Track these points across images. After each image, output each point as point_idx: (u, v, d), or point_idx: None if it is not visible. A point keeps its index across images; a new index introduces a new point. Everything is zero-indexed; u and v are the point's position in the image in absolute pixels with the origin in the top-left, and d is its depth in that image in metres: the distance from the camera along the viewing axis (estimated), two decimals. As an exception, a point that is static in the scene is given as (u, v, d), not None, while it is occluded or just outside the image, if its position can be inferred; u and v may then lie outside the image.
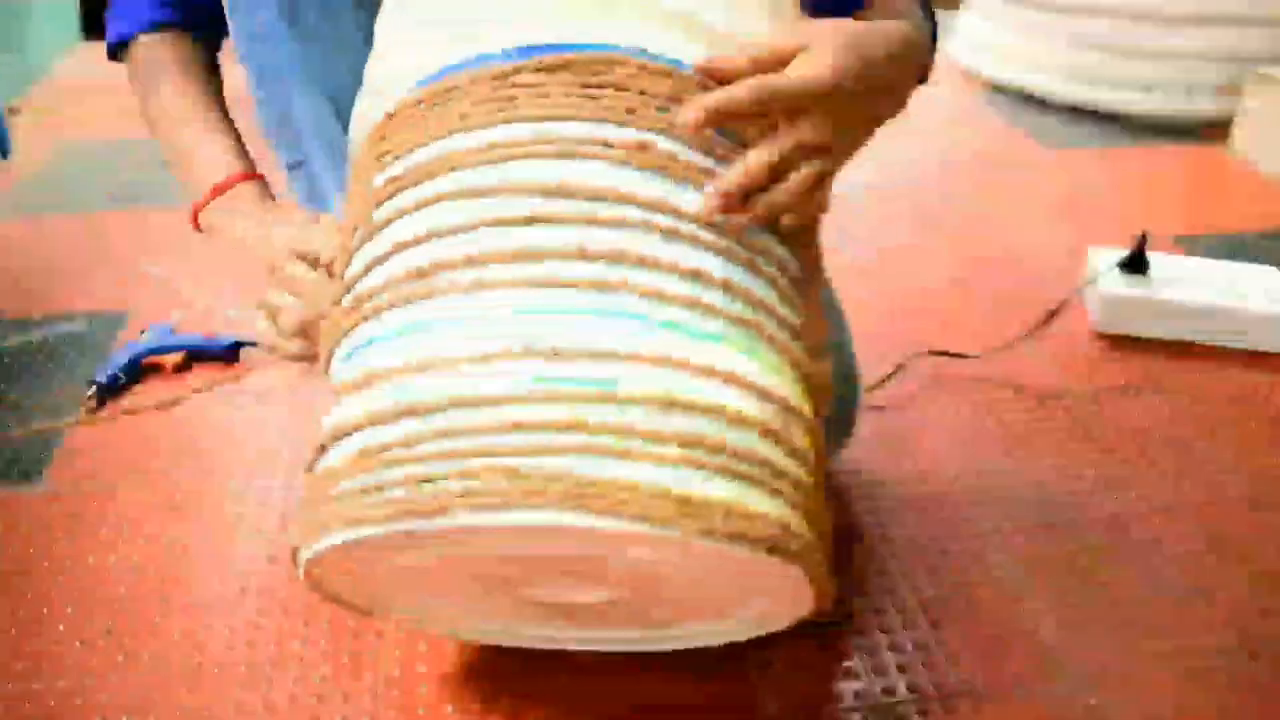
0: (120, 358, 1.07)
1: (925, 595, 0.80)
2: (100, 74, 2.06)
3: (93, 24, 2.28)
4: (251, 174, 0.75)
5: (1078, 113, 1.88)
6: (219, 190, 0.73)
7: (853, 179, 0.82)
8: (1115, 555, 0.84)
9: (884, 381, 1.04)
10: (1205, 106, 1.80)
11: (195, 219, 0.75)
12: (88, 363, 1.11)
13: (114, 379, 1.04)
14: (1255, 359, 1.11)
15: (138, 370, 1.07)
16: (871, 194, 1.51)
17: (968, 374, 1.08)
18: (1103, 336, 1.15)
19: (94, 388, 1.03)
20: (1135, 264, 1.17)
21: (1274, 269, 1.19)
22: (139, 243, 1.36)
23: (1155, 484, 0.92)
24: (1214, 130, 1.76)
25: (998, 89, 2.01)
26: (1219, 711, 0.70)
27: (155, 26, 0.79)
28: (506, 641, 0.69)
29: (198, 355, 1.10)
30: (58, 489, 0.92)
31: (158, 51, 0.79)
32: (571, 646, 0.68)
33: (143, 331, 1.12)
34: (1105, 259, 1.19)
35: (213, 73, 0.82)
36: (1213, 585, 0.81)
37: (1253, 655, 0.74)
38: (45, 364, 1.11)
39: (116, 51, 0.82)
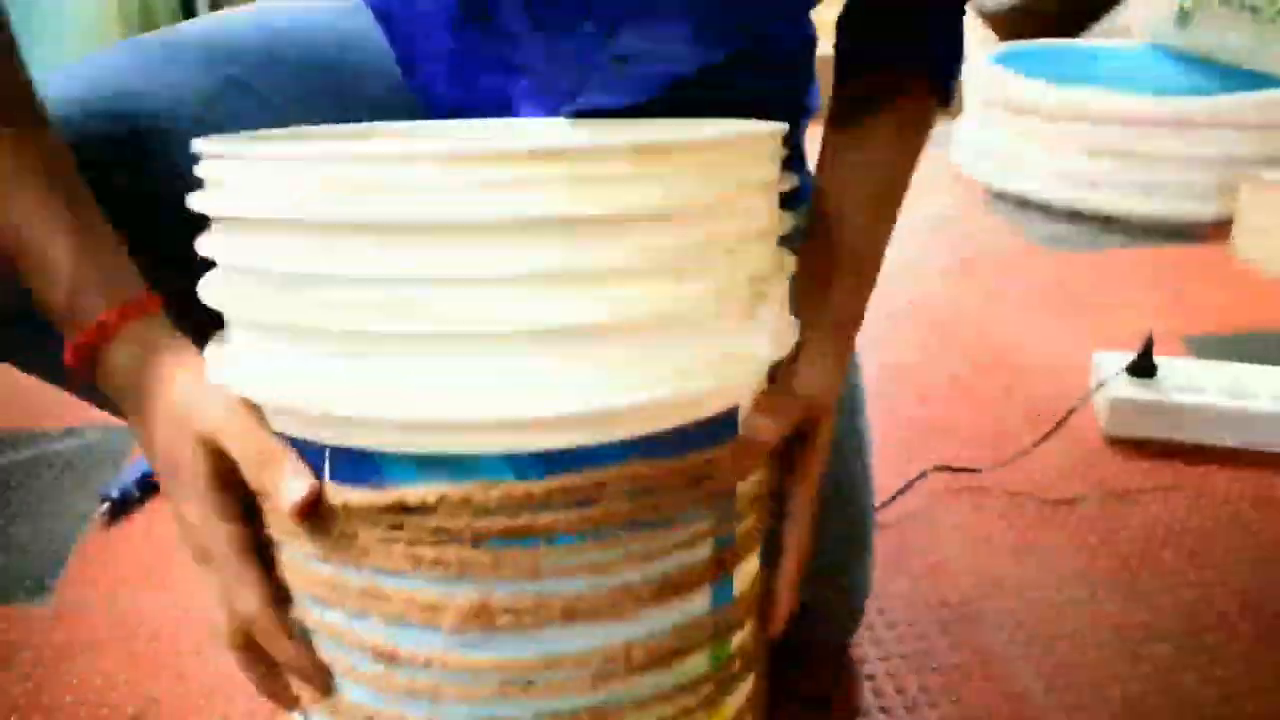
0: (132, 473, 1.07)
1: (943, 710, 0.78)
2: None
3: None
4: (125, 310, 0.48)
5: (1079, 216, 1.91)
6: (85, 354, 0.48)
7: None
8: (1131, 668, 0.82)
9: (892, 499, 1.04)
10: (1206, 208, 1.82)
11: (76, 356, 0.48)
12: (99, 476, 1.11)
13: (126, 493, 1.05)
14: (1268, 459, 1.11)
15: (149, 485, 1.07)
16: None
17: (976, 484, 1.07)
18: (1112, 441, 1.15)
19: (106, 503, 1.03)
20: (1142, 367, 1.17)
21: (1281, 370, 1.20)
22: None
23: (1172, 591, 0.91)
24: (1217, 230, 1.78)
25: (998, 195, 2.04)
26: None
27: None
28: None
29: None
30: (67, 605, 0.91)
31: None
32: None
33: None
34: (1111, 363, 1.20)
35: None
36: (1235, 695, 0.79)
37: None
38: (57, 477, 1.12)
39: None
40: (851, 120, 0.64)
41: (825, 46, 0.67)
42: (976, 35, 2.47)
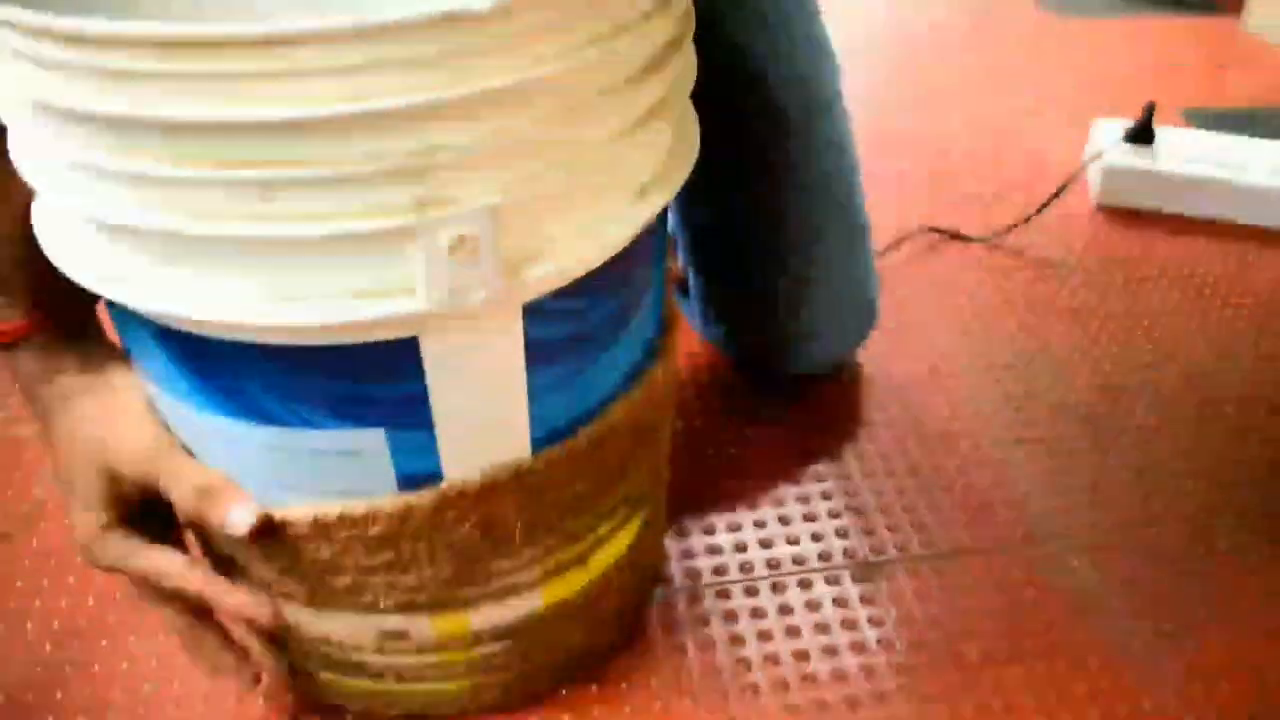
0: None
1: (916, 461, 0.81)
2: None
3: None
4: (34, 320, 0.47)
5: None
6: None
7: (842, 45, 0.80)
8: (1105, 427, 0.85)
9: (882, 252, 1.03)
10: (1221, -24, 1.75)
11: None
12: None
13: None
14: (1257, 235, 1.11)
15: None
16: (863, 61, 1.48)
17: (965, 246, 1.07)
18: (1103, 209, 1.14)
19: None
20: (1141, 135, 1.15)
21: (1281, 144, 1.17)
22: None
23: (1147, 358, 0.93)
24: (1228, 2, 1.71)
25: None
26: (1200, 579, 0.72)
27: None
28: None
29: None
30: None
31: None
32: None
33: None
34: (1111, 131, 1.17)
35: None
36: (1200, 460, 0.82)
37: (1225, 523, 0.76)
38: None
39: None
40: None
41: None
42: None
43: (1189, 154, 1.15)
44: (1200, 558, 0.73)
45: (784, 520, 0.75)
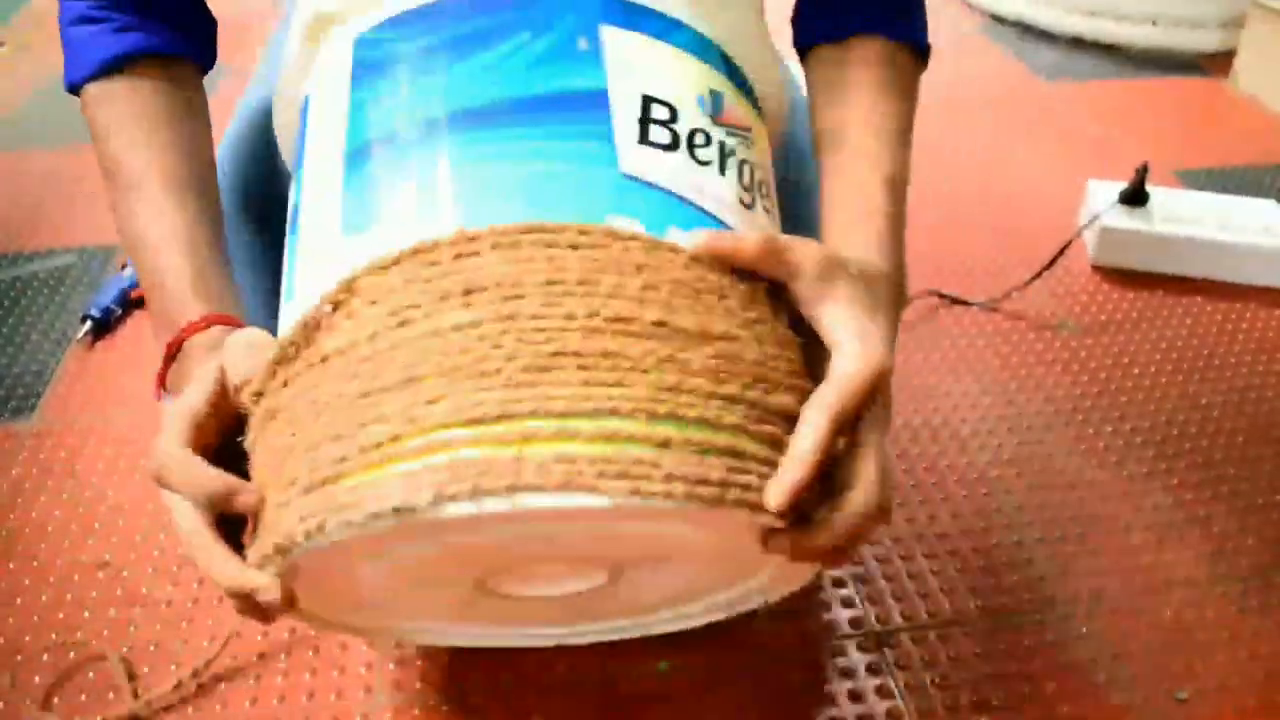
0: (112, 289, 1.06)
1: (919, 525, 0.80)
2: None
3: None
4: (210, 318, 0.50)
5: (1079, 45, 1.86)
6: (170, 351, 0.51)
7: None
8: (1110, 487, 0.84)
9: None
10: (1208, 39, 1.78)
11: (160, 385, 0.52)
12: (79, 296, 1.10)
13: (107, 312, 1.04)
14: (1250, 292, 1.11)
15: (128, 302, 1.06)
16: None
17: (965, 310, 1.08)
18: (1099, 269, 1.15)
19: (88, 322, 1.02)
20: (1135, 197, 1.16)
21: (1273, 203, 1.18)
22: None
23: (1150, 415, 0.92)
24: (1216, 63, 1.74)
25: (997, 19, 1.98)
26: (1207, 641, 0.71)
27: (108, 68, 0.55)
28: (483, 643, 0.61)
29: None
30: (52, 423, 0.92)
31: (111, 108, 0.55)
32: (546, 643, 0.61)
33: (124, 265, 1.11)
34: (1105, 192, 1.18)
35: (186, 120, 0.57)
36: (1205, 515, 0.81)
37: (1241, 580, 0.75)
38: (36, 299, 1.11)
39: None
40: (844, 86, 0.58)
41: None
42: None
43: (1183, 214, 1.16)
44: (1209, 624, 0.72)
45: (789, 590, 0.74)
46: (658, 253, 0.42)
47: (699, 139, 0.48)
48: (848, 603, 0.73)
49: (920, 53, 0.61)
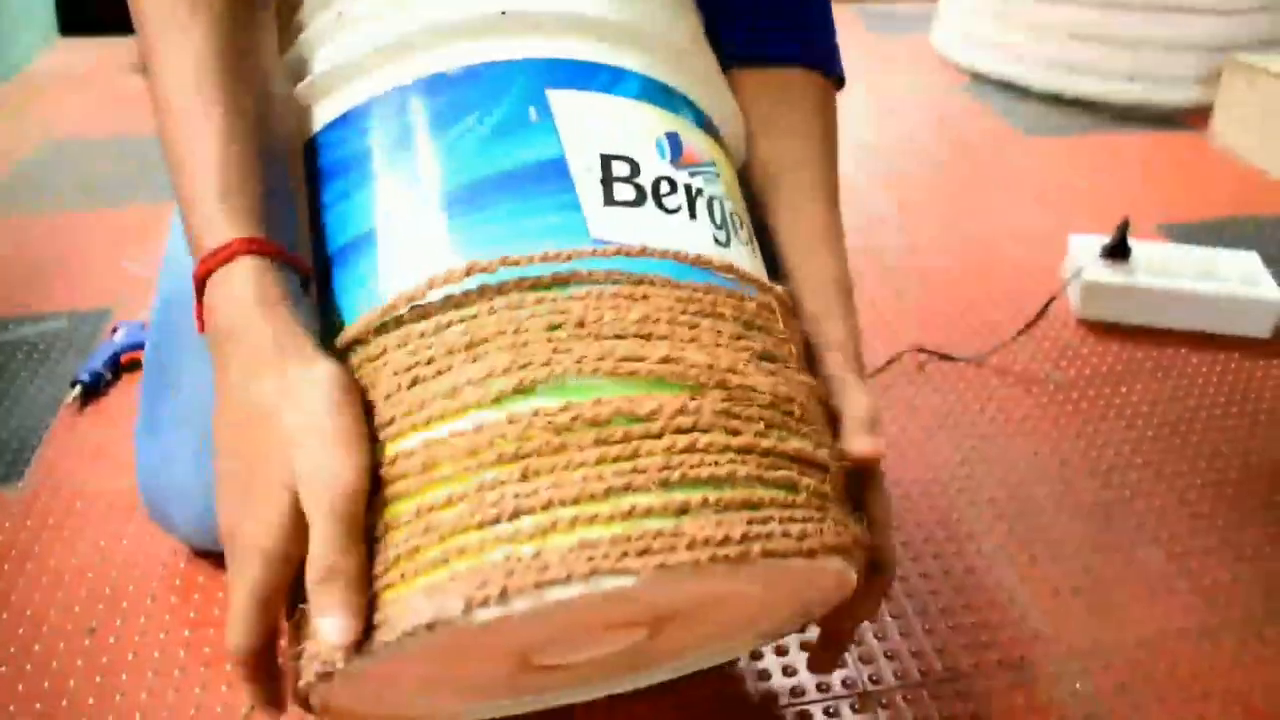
0: (102, 354, 1.06)
1: (911, 583, 0.80)
2: (78, 69, 2.05)
3: (70, 20, 2.26)
4: (255, 242, 0.46)
5: (1058, 101, 1.89)
6: (208, 264, 0.45)
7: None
8: (1100, 540, 0.84)
9: (874, 375, 1.04)
10: (1186, 95, 1.81)
11: (199, 312, 0.47)
12: (70, 361, 1.10)
13: (97, 377, 1.04)
14: (1236, 343, 1.12)
15: (118, 367, 1.06)
16: (849, 184, 1.51)
17: (951, 366, 1.08)
18: (1083, 323, 1.16)
19: (77, 387, 1.02)
20: (1117, 251, 1.17)
21: (1254, 254, 1.20)
22: (119, 239, 1.35)
23: (1138, 467, 0.93)
24: (1195, 117, 1.77)
25: (977, 78, 2.01)
26: (1201, 694, 0.70)
27: None
28: (523, 710, 0.59)
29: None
30: (39, 488, 0.91)
31: None
32: (570, 700, 0.60)
33: (114, 330, 1.11)
34: (1087, 246, 1.20)
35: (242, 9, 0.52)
36: (1195, 568, 0.81)
37: (1235, 632, 0.75)
38: (26, 363, 1.11)
39: None
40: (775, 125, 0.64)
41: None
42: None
43: (1165, 267, 1.17)
44: (1203, 677, 0.72)
45: (780, 650, 0.74)
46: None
47: (664, 187, 0.48)
48: (839, 662, 0.73)
49: (836, 79, 0.67)
